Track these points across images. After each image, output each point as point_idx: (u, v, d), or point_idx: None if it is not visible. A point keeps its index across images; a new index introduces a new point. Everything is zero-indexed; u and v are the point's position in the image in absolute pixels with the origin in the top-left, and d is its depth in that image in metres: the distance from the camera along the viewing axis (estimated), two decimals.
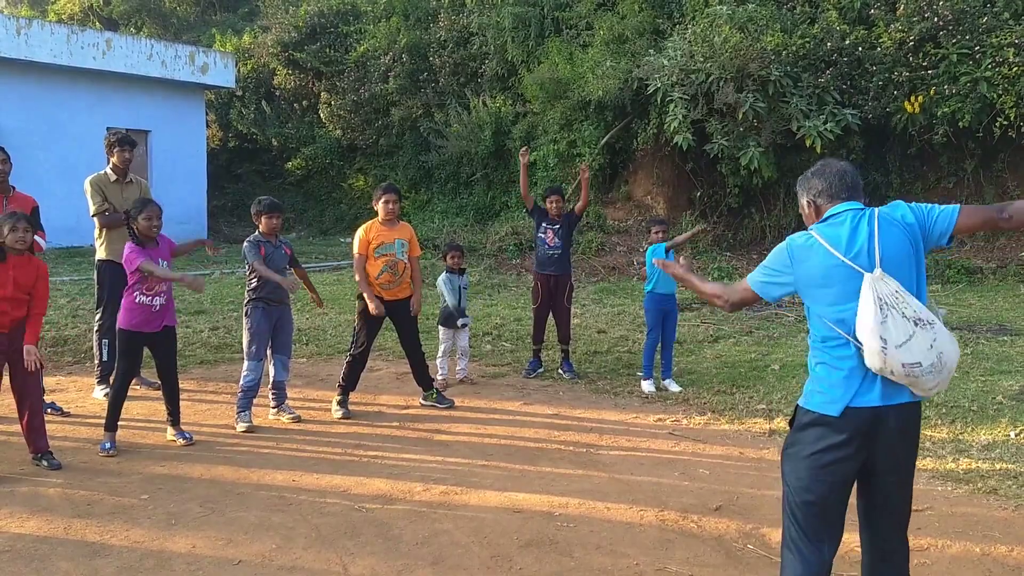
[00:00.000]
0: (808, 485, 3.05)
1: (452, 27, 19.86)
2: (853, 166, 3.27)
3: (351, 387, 6.79)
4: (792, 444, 3.14)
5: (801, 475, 3.07)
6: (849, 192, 3.15)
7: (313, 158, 21.92)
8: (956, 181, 14.67)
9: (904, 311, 2.90)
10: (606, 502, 4.90)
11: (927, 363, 2.90)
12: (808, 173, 3.29)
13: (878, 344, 2.89)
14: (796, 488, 3.09)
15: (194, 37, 24.88)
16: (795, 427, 3.15)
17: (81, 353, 8.34)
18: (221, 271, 14.21)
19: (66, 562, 4.08)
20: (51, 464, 5.33)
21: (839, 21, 14.12)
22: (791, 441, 3.16)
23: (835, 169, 3.20)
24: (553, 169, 17.02)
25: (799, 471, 3.08)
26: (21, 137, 15.78)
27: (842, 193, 3.15)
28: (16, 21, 16.77)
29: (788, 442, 3.18)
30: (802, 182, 3.30)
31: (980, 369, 7.77)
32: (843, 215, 3.10)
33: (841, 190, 3.15)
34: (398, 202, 6.84)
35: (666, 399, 7.18)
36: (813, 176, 3.24)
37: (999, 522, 4.63)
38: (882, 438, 3.00)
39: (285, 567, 4.06)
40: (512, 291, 12.57)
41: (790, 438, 3.17)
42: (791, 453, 3.13)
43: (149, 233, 5.70)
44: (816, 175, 3.23)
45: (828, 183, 3.17)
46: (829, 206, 3.16)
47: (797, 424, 3.14)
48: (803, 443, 3.08)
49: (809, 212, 3.27)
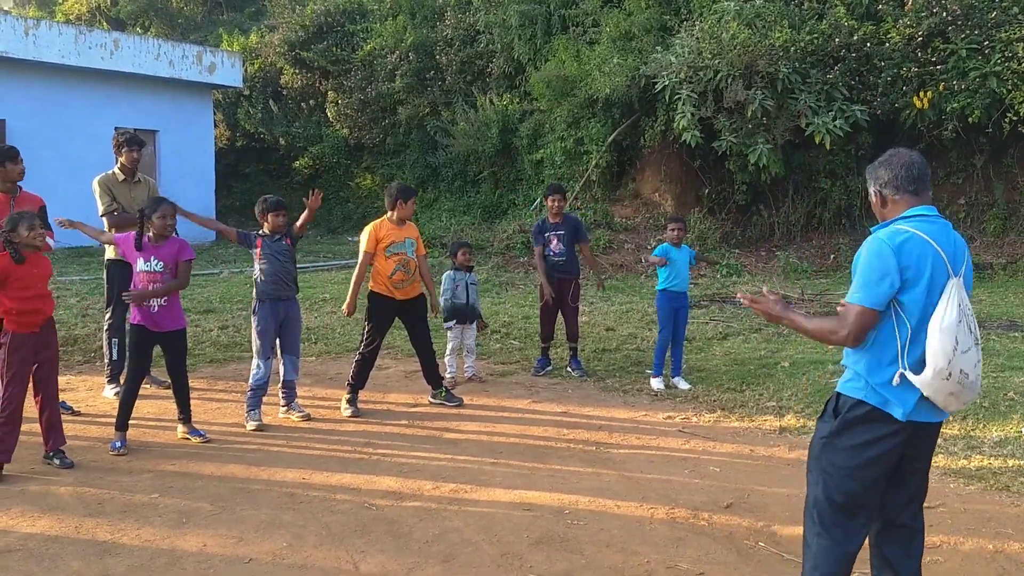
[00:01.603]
0: (854, 474, 3.06)
1: (459, 25, 19.86)
2: (921, 156, 3.23)
3: (360, 385, 6.79)
4: (838, 434, 3.10)
5: (848, 464, 3.07)
6: (916, 184, 3.14)
7: (320, 157, 21.96)
8: (965, 176, 14.61)
9: (970, 324, 2.97)
10: (616, 500, 4.89)
11: (972, 377, 2.97)
12: (876, 162, 3.27)
13: (952, 343, 2.90)
14: (840, 477, 3.08)
15: (201, 37, 24.94)
16: (845, 418, 3.09)
17: (91, 352, 8.36)
18: (230, 270, 14.23)
19: (77, 561, 4.09)
20: (63, 463, 5.35)
21: (847, 17, 14.07)
22: (836, 430, 3.11)
23: (903, 160, 3.18)
24: (560, 167, 17.01)
25: (846, 460, 3.07)
26: (29, 137, 15.83)
27: (910, 185, 3.13)
28: (24, 22, 16.83)
29: (832, 431, 3.12)
30: (870, 171, 3.28)
31: (991, 365, 7.73)
32: (933, 218, 3.10)
33: (908, 181, 3.14)
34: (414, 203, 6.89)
35: (676, 397, 7.16)
36: (880, 166, 3.22)
37: (1012, 519, 4.60)
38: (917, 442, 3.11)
39: (296, 565, 4.06)
40: (520, 289, 12.56)
41: (834, 427, 3.12)
42: (836, 444, 3.10)
43: (163, 232, 5.70)
44: (883, 165, 3.21)
45: (895, 173, 3.15)
46: (897, 197, 3.14)
47: (848, 416, 3.08)
48: (854, 434, 3.05)
49: (876, 201, 3.24)
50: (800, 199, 15.26)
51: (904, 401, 3.00)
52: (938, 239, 3.03)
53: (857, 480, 3.07)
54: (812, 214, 15.29)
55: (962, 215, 14.45)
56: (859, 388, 3.08)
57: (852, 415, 3.07)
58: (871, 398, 3.04)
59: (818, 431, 3.21)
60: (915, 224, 3.06)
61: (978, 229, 14.30)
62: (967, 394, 3.00)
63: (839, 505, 3.11)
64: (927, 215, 3.10)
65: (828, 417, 3.17)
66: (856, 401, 3.07)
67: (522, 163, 18.21)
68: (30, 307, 5.17)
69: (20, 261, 5.14)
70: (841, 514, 3.11)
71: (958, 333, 2.91)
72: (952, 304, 2.94)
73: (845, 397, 3.11)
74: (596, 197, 16.88)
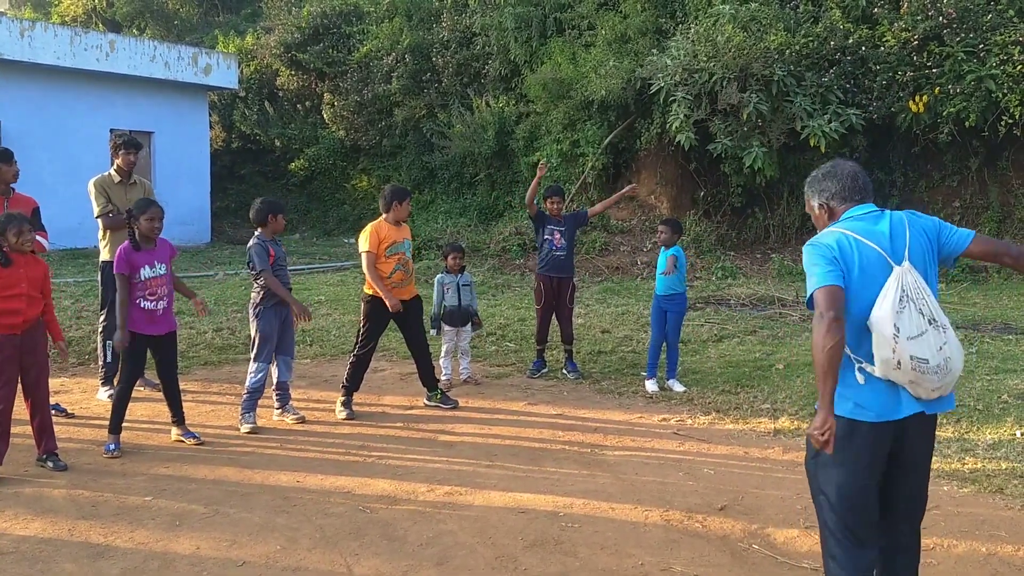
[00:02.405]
0: (848, 487, 3.04)
1: (455, 27, 19.86)
2: (861, 167, 3.23)
3: (355, 388, 6.79)
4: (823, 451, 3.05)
5: (842, 479, 3.04)
6: (862, 194, 3.13)
7: (316, 159, 21.93)
8: (960, 179, 14.63)
9: (922, 307, 2.93)
10: (611, 502, 4.89)
11: (933, 363, 2.92)
12: (819, 175, 3.23)
13: (891, 331, 2.88)
14: (839, 492, 3.05)
15: (197, 38, 24.90)
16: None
17: (85, 355, 8.34)
18: (224, 272, 14.21)
19: (70, 563, 4.08)
20: (56, 465, 5.34)
21: (843, 20, 14.08)
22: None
23: (847, 171, 3.16)
24: (556, 169, 17.01)
25: (839, 475, 3.05)
26: (25, 139, 15.80)
27: (855, 195, 3.13)
28: (20, 23, 16.80)
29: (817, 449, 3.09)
30: (812, 184, 3.24)
31: (985, 368, 7.74)
32: (874, 214, 3.08)
33: (854, 192, 3.13)
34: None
35: (670, 399, 7.16)
36: (825, 178, 3.19)
37: (1005, 521, 4.61)
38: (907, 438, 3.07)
39: (290, 568, 4.06)
40: (516, 291, 12.56)
41: None
42: (824, 460, 3.07)
43: (150, 234, 5.71)
44: (828, 177, 3.18)
45: (841, 185, 3.14)
46: (843, 208, 3.13)
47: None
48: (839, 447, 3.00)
49: (820, 214, 3.22)
50: (795, 202, 15.26)
51: (874, 401, 2.98)
52: (867, 234, 3.01)
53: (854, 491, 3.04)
54: (807, 217, 15.07)
55: (957, 218, 14.46)
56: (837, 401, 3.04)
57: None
58: (842, 409, 3.02)
59: (808, 450, 3.19)
60: (845, 225, 3.06)
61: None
62: (931, 379, 2.94)
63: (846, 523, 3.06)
64: (855, 214, 3.09)
65: None
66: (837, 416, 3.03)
67: (518, 165, 18.21)
68: (11, 307, 5.13)
69: (7, 264, 5.12)
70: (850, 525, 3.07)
71: (897, 320, 2.88)
72: (889, 291, 2.92)
73: None
74: (592, 199, 16.86)
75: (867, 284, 2.97)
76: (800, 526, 4.53)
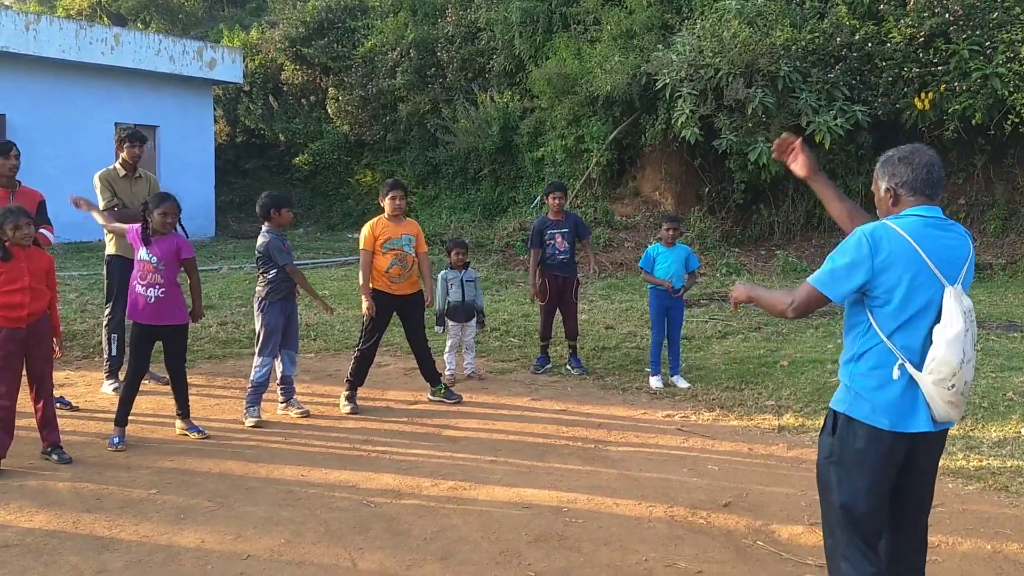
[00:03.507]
0: (862, 491, 2.98)
1: (460, 22, 19.84)
2: (940, 158, 3.06)
3: (359, 382, 6.79)
4: (839, 453, 3.00)
5: (858, 485, 2.98)
6: (933, 188, 2.98)
7: (320, 154, 21.93)
8: (966, 177, 14.61)
9: (975, 334, 2.88)
10: (615, 498, 4.89)
11: (970, 387, 2.92)
12: (894, 157, 3.03)
13: (959, 356, 2.80)
14: (854, 498, 2.98)
15: (202, 32, 24.91)
16: (842, 436, 3.00)
17: (90, 348, 8.35)
18: (229, 266, 14.22)
19: (75, 556, 4.08)
20: (61, 458, 5.34)
21: (849, 16, 14.05)
22: (837, 450, 3.02)
23: (924, 160, 2.97)
24: (560, 165, 17.00)
25: (855, 481, 2.98)
26: (30, 132, 15.82)
27: (927, 188, 2.96)
28: (25, 16, 16.81)
29: (833, 450, 3.03)
30: (886, 165, 3.05)
31: (990, 366, 7.72)
32: (943, 221, 2.96)
33: (927, 185, 2.96)
34: (404, 198, 6.85)
35: (674, 395, 7.16)
36: (900, 163, 3.00)
37: (1010, 519, 4.60)
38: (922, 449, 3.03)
39: (294, 562, 4.06)
40: (520, 287, 12.55)
41: (834, 445, 3.03)
42: (837, 461, 3.01)
43: (162, 229, 5.70)
44: (904, 162, 2.99)
45: (915, 175, 2.96)
46: (911, 199, 2.97)
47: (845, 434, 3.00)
48: (853, 452, 2.96)
49: (885, 197, 3.04)
50: (800, 198, 15.24)
51: (890, 409, 2.91)
52: (924, 242, 2.89)
53: (868, 499, 2.99)
54: (812, 213, 15.27)
55: (962, 215, 14.44)
56: (846, 401, 3.00)
57: (848, 433, 2.99)
58: (859, 412, 2.96)
59: (819, 453, 3.12)
60: (905, 224, 2.92)
61: (978, 229, 14.29)
62: (963, 404, 2.92)
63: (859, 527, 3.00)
64: (924, 215, 2.94)
65: (827, 435, 3.08)
66: (847, 418, 2.99)
67: (522, 161, 18.20)
68: (14, 300, 5.13)
69: (6, 258, 5.12)
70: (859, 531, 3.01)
71: (965, 344, 2.82)
72: (957, 313, 2.83)
73: (839, 414, 3.03)
74: (596, 195, 16.87)
75: (912, 294, 2.88)
76: (804, 523, 4.52)
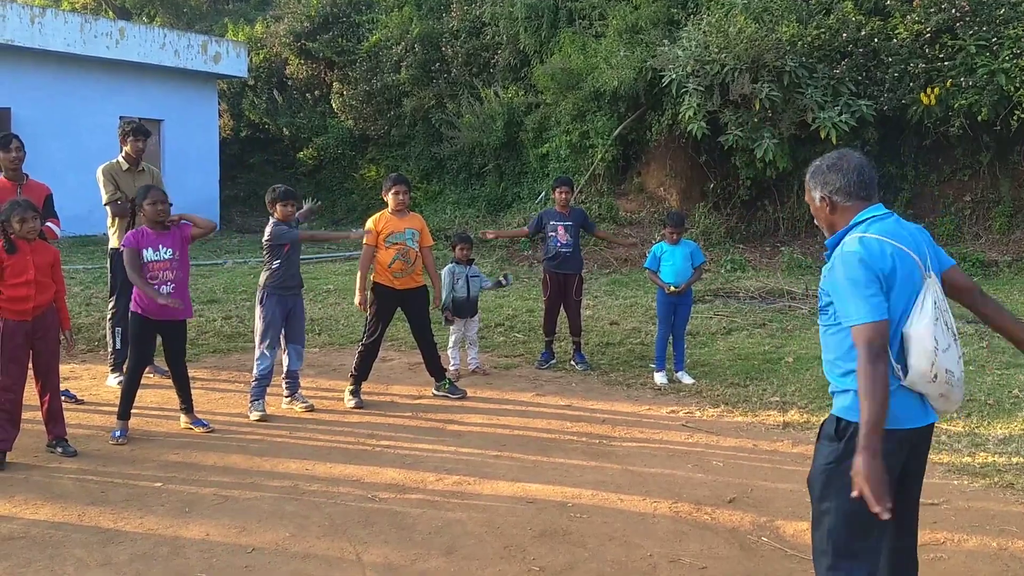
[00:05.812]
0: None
1: (464, 17, 19.80)
2: (868, 160, 3.09)
3: (363, 377, 6.79)
4: (845, 458, 2.89)
5: None
6: (868, 190, 2.99)
7: (325, 148, 21.92)
8: (971, 173, 14.55)
9: (947, 320, 2.87)
10: (619, 493, 4.89)
11: (958, 375, 2.88)
12: (823, 166, 3.06)
13: (931, 344, 2.80)
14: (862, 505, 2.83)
15: (207, 26, 24.88)
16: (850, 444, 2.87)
17: (94, 341, 8.37)
18: (233, 260, 14.23)
19: (80, 548, 4.09)
20: (66, 451, 5.36)
21: (855, 12, 14.00)
22: (842, 455, 2.91)
23: (853, 164, 3.00)
24: (565, 160, 16.96)
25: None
26: (35, 126, 15.82)
27: (862, 191, 2.98)
28: (30, 10, 16.81)
29: (839, 456, 2.93)
30: (816, 175, 3.08)
31: (996, 363, 7.71)
32: (895, 217, 2.98)
33: (860, 188, 2.98)
34: (407, 193, 6.84)
35: (679, 391, 7.15)
36: (830, 170, 3.03)
37: (1016, 516, 4.59)
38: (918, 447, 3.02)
39: (299, 555, 4.07)
40: (524, 282, 12.54)
41: (840, 452, 2.93)
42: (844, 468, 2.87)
43: (157, 218, 5.68)
44: (833, 170, 3.02)
45: (847, 180, 2.98)
46: (848, 204, 2.99)
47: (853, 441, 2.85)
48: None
49: (822, 207, 3.07)
50: (805, 195, 15.22)
51: (901, 408, 2.87)
52: (900, 238, 2.91)
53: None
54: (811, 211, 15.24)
55: (968, 212, 14.41)
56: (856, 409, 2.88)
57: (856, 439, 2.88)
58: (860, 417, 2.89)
59: (820, 457, 3.02)
60: (876, 230, 2.91)
61: (984, 226, 14.26)
62: (956, 392, 2.91)
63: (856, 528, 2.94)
64: (879, 215, 2.95)
65: (829, 441, 2.99)
66: (856, 424, 2.87)
67: (527, 156, 18.17)
68: (19, 294, 5.14)
69: (12, 251, 5.13)
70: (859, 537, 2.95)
71: (936, 332, 2.81)
72: (928, 303, 2.84)
73: (846, 421, 2.94)
74: (601, 191, 16.84)
75: (904, 293, 2.87)
76: (809, 519, 4.51)
